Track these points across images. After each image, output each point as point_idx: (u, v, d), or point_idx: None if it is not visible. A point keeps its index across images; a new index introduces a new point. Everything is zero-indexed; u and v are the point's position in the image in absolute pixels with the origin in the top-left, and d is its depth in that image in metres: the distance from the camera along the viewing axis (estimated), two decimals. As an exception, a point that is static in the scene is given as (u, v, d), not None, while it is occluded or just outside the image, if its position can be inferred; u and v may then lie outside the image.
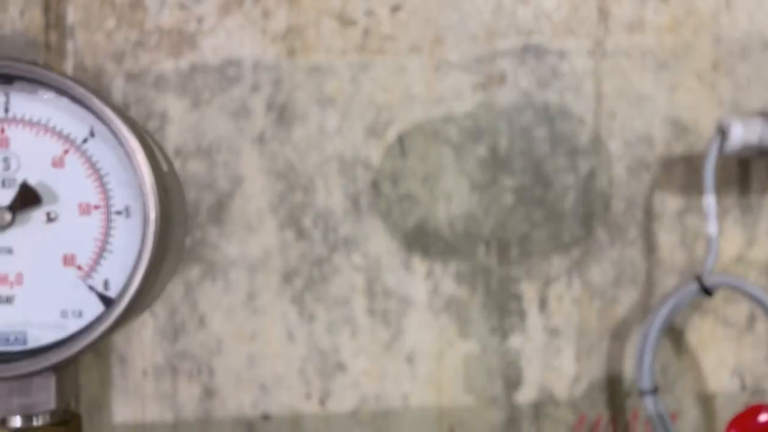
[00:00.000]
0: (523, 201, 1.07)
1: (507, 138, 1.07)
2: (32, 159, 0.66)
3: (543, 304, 1.08)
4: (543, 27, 1.08)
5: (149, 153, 0.64)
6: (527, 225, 1.08)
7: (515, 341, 1.08)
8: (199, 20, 1.05)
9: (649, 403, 1.04)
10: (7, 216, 0.65)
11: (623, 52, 1.09)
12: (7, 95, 0.66)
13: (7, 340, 0.66)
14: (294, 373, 1.07)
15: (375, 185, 1.06)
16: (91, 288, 0.67)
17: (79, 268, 0.67)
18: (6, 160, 0.66)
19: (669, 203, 1.09)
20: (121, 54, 1.05)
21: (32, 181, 0.66)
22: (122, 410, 1.06)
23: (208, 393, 1.06)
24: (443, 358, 1.08)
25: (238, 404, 1.06)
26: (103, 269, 0.67)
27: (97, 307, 0.67)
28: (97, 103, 0.64)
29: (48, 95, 0.66)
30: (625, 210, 1.09)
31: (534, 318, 1.08)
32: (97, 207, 0.67)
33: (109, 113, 0.64)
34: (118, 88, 1.05)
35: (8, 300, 0.66)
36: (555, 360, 1.09)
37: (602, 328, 1.09)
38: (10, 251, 0.66)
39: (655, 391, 1.04)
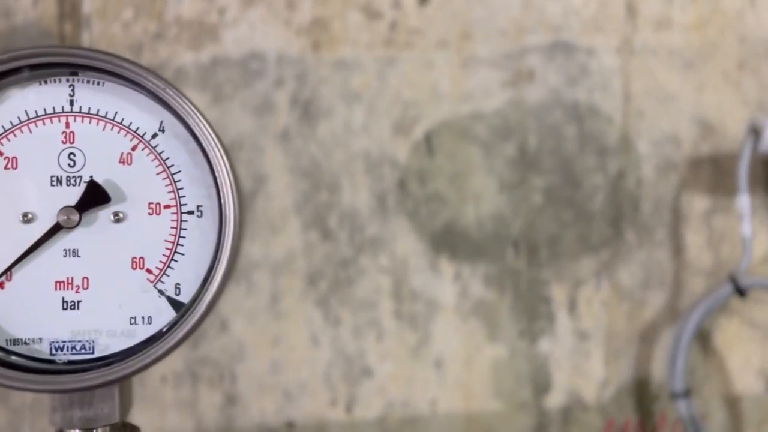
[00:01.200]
0: (552, 201, 1.05)
1: (536, 137, 1.05)
2: (99, 155, 0.61)
3: (572, 306, 1.06)
4: (571, 23, 1.06)
5: (226, 149, 0.60)
6: (556, 226, 1.05)
7: (544, 345, 1.06)
8: (221, 11, 1.01)
9: (681, 406, 1.02)
10: (75, 216, 0.60)
11: (651, 50, 1.07)
12: (72, 87, 0.61)
13: (74, 348, 0.61)
14: (319, 378, 1.02)
15: (402, 184, 1.03)
16: (162, 293, 0.62)
17: (149, 271, 0.62)
18: (71, 156, 0.61)
19: (696, 204, 1.08)
20: (139, 46, 1.00)
21: (99, 179, 0.61)
22: (141, 419, 1.00)
23: (231, 400, 1.01)
24: (471, 363, 1.05)
25: (262, 412, 1.02)
26: (174, 273, 0.62)
27: (168, 313, 0.62)
28: (172, 95, 0.59)
29: (116, 87, 0.61)
30: (653, 211, 1.07)
31: (563, 321, 1.06)
32: (167, 206, 0.62)
33: (186, 106, 0.59)
34: (135, 81, 1.00)
35: (74, 305, 0.61)
36: (584, 364, 1.06)
37: (630, 331, 1.07)
38: (75, 254, 0.61)
39: (687, 393, 1.02)
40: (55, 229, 0.60)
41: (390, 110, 1.03)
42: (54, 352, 0.61)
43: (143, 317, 0.61)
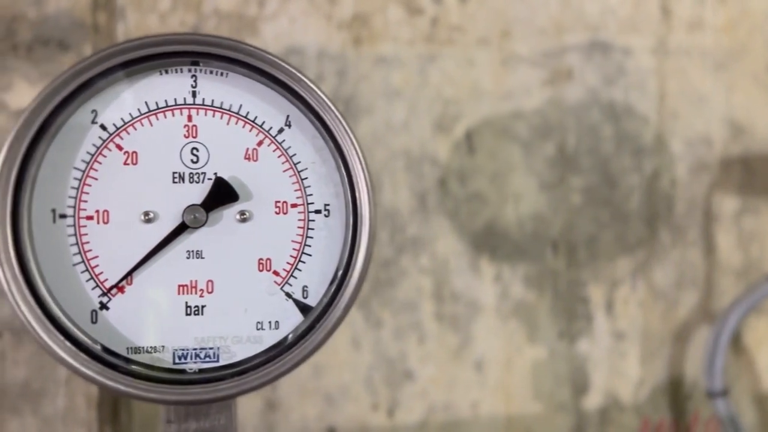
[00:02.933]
0: (590, 201, 1.04)
1: (574, 136, 1.04)
2: (223, 151, 0.57)
3: (609, 307, 1.05)
4: (608, 22, 1.05)
5: (360, 144, 0.57)
6: (594, 226, 1.05)
7: (582, 346, 1.05)
8: (261, 4, 0.98)
9: (720, 405, 1.02)
10: (201, 216, 0.56)
11: (684, 51, 1.08)
12: (194, 77, 0.57)
13: (198, 356, 0.57)
14: (360, 382, 1.00)
15: (442, 183, 1.01)
16: (289, 296, 0.58)
17: (276, 273, 0.58)
18: (194, 151, 0.57)
19: (727, 204, 1.09)
20: (176, 37, 0.96)
21: (224, 176, 0.57)
22: (178, 428, 0.96)
23: (271, 406, 0.98)
24: (512, 365, 1.03)
25: (303, 417, 0.99)
26: (301, 275, 0.58)
27: (295, 318, 0.58)
28: (306, 86, 0.56)
29: (240, 79, 0.58)
30: (686, 211, 1.07)
31: (600, 322, 1.05)
32: (294, 205, 0.58)
33: (321, 97, 0.56)
34: (172, 75, 0.96)
35: (198, 310, 0.57)
36: (620, 364, 1.06)
37: (664, 331, 1.07)
38: (199, 255, 0.57)
39: (725, 393, 1.03)
40: (181, 229, 0.56)
41: (431, 108, 1.01)
42: (177, 360, 0.57)
43: (270, 322, 0.58)
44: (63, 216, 0.55)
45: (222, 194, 0.56)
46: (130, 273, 0.55)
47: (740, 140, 1.09)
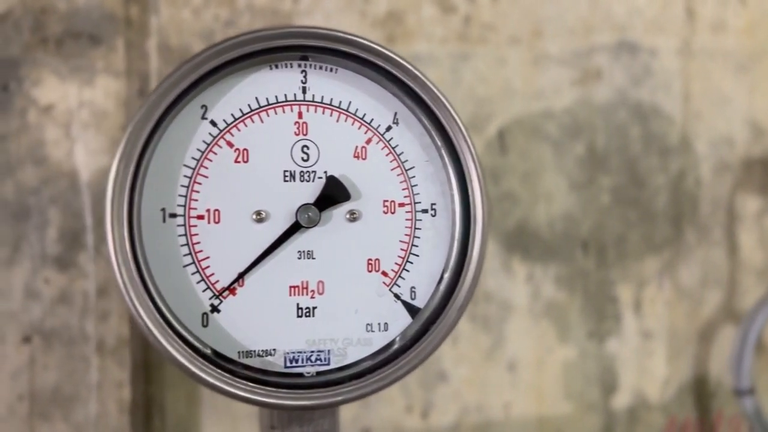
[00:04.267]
0: (618, 201, 1.05)
1: (603, 136, 1.04)
2: (333, 149, 0.56)
3: (637, 306, 1.06)
4: (636, 23, 1.06)
5: (473, 141, 0.56)
6: (623, 226, 1.05)
7: (611, 345, 1.05)
8: (295, -1, 0.96)
9: (747, 403, 1.03)
10: (315, 215, 0.54)
11: (708, 52, 1.08)
12: (304, 73, 0.56)
13: (309, 359, 0.56)
14: (395, 384, 0.98)
15: (475, 183, 1.00)
16: (398, 297, 0.57)
17: (384, 274, 0.57)
18: (304, 149, 0.55)
19: (749, 204, 1.10)
20: (210, 33, 0.94)
21: (334, 175, 0.56)
22: (212, 430, 0.94)
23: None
24: (543, 365, 1.03)
25: (338, 421, 0.97)
26: (409, 275, 0.57)
27: (404, 319, 0.57)
28: (425, 82, 0.55)
29: (349, 75, 0.56)
30: (711, 211, 1.08)
31: (629, 321, 1.06)
32: (402, 204, 0.57)
33: (438, 94, 0.55)
34: (206, 71, 0.93)
35: (309, 312, 0.55)
36: (648, 363, 1.06)
37: (690, 330, 1.08)
38: (310, 255, 0.55)
39: (752, 391, 1.04)
40: (294, 229, 0.54)
41: (463, 107, 1.00)
42: (289, 364, 0.55)
43: (379, 323, 0.56)
44: (173, 215, 0.53)
45: (334, 193, 0.54)
46: (243, 274, 0.53)
47: (761, 141, 1.10)
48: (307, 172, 0.55)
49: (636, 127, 1.05)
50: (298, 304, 0.55)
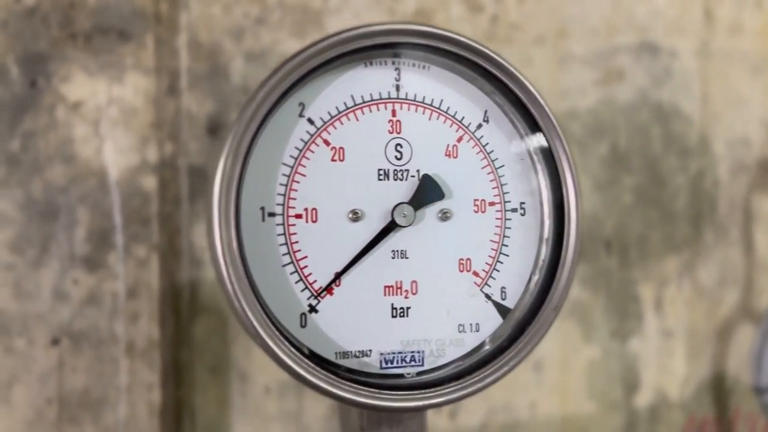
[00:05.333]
0: (640, 201, 1.05)
1: (625, 136, 1.05)
2: (425, 147, 0.55)
3: (658, 305, 1.06)
4: (656, 24, 1.06)
5: (567, 139, 0.56)
6: (644, 226, 1.06)
7: (634, 344, 1.06)
8: (325, -3, 0.95)
9: None
10: (411, 214, 0.54)
11: (725, 54, 1.10)
12: (398, 71, 0.55)
13: (404, 360, 0.55)
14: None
15: (502, 183, 1.00)
16: (488, 297, 0.56)
17: (476, 274, 0.56)
18: (398, 147, 0.55)
19: (765, 205, 1.11)
20: (240, 31, 0.93)
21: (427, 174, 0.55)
22: (244, 435, 0.93)
23: (335, 410, 0.95)
24: (568, 365, 1.03)
25: (368, 422, 0.96)
26: (499, 275, 0.56)
27: (495, 320, 0.57)
28: (521, 79, 0.54)
29: (441, 72, 0.56)
30: (728, 211, 1.09)
31: (650, 320, 1.06)
32: (492, 204, 0.56)
33: (534, 91, 0.55)
34: (238, 70, 0.92)
35: (403, 312, 0.55)
36: (668, 362, 1.07)
37: (708, 329, 1.09)
38: (404, 255, 0.55)
39: (772, 388, 1.05)
40: (390, 228, 0.54)
41: (490, 106, 1.00)
42: (384, 365, 0.54)
43: (471, 324, 0.56)
44: (272, 214, 0.52)
45: (429, 192, 0.54)
46: (341, 274, 0.52)
47: (775, 142, 1.12)
48: (401, 170, 0.54)
49: (657, 127, 1.06)
50: (392, 305, 0.54)
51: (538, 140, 0.56)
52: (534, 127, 0.55)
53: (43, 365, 0.88)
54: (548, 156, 0.56)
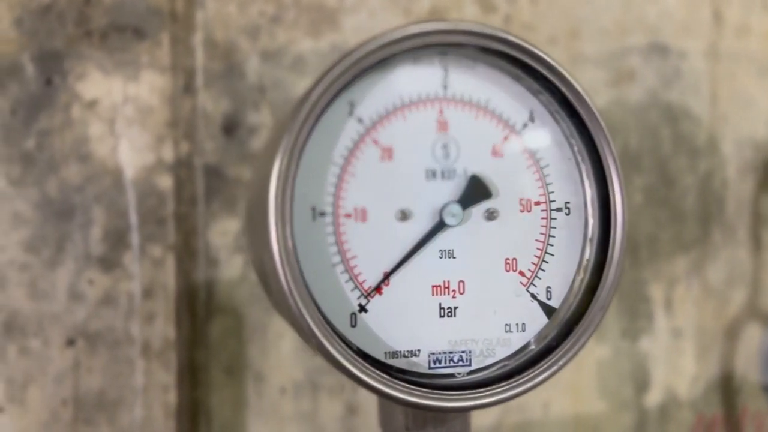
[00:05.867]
0: (650, 201, 1.06)
1: (636, 136, 1.05)
2: (472, 146, 0.55)
3: (668, 305, 1.07)
4: (666, 26, 1.07)
5: (613, 139, 0.56)
6: (654, 225, 1.06)
7: (644, 343, 1.06)
8: (341, -4, 0.95)
9: (776, 399, 1.06)
10: (460, 214, 0.54)
11: (733, 55, 1.10)
12: (445, 70, 0.55)
13: (451, 360, 0.55)
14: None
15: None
16: (534, 297, 0.56)
17: (521, 273, 0.56)
18: (445, 147, 0.55)
19: (771, 204, 1.12)
20: (256, 29, 0.92)
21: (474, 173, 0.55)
22: (260, 435, 0.93)
23: (351, 410, 0.95)
24: (580, 364, 1.04)
25: (383, 422, 0.96)
26: (544, 275, 0.56)
27: (540, 320, 0.56)
28: (569, 79, 0.54)
29: (487, 71, 0.56)
30: (736, 211, 1.10)
31: (660, 320, 1.07)
32: (537, 203, 0.56)
33: (580, 89, 0.55)
34: (254, 69, 0.92)
35: (451, 312, 0.54)
36: (678, 361, 1.08)
37: (716, 328, 1.10)
38: (451, 254, 0.54)
39: (780, 387, 1.06)
40: (439, 228, 0.53)
41: (504, 106, 1.00)
42: (432, 365, 0.54)
43: (517, 324, 0.56)
44: (322, 214, 0.51)
45: (477, 191, 0.54)
46: (391, 273, 0.52)
47: (782, 143, 1.13)
48: (448, 170, 0.54)
49: (666, 128, 1.06)
50: (440, 304, 0.54)
51: (583, 140, 0.55)
52: (580, 126, 0.55)
53: (59, 366, 0.87)
54: (593, 155, 0.56)
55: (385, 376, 0.49)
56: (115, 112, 0.88)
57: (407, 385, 0.50)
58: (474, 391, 0.51)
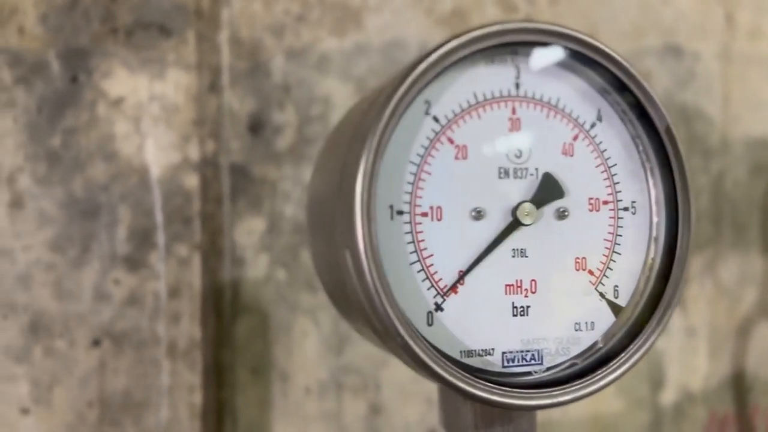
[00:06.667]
0: (666, 201, 1.07)
1: (652, 137, 1.06)
2: (543, 145, 0.55)
3: (682, 304, 1.08)
4: (680, 28, 1.08)
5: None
6: (669, 225, 1.07)
7: (659, 342, 1.07)
8: (365, -5, 0.95)
9: (788, 397, 1.07)
10: (534, 213, 0.54)
11: (745, 57, 1.12)
12: (517, 68, 0.55)
13: (524, 359, 0.55)
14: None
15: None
16: (602, 295, 0.57)
17: (590, 272, 0.56)
18: (518, 146, 0.55)
19: (781, 205, 1.14)
20: (281, 28, 0.92)
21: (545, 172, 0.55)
22: (286, 436, 0.92)
23: (375, 410, 0.95)
24: (597, 362, 1.04)
25: (405, 420, 0.96)
26: (612, 274, 0.56)
27: (608, 318, 0.57)
28: (640, 81, 0.55)
29: (557, 70, 0.56)
30: (747, 211, 1.11)
31: (675, 318, 1.08)
32: (605, 202, 0.57)
33: (649, 89, 0.55)
34: (279, 68, 0.91)
35: (523, 311, 0.54)
36: (692, 359, 1.09)
37: (728, 326, 1.11)
38: (523, 254, 0.54)
39: (792, 385, 1.07)
40: (513, 227, 0.54)
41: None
42: (506, 363, 0.54)
43: (586, 322, 0.56)
44: (400, 212, 0.51)
45: (550, 190, 0.54)
46: (467, 272, 0.52)
47: (791, 144, 1.14)
48: (520, 169, 0.54)
49: (681, 128, 1.07)
50: (513, 303, 0.54)
51: (649, 138, 0.56)
52: (647, 125, 0.55)
53: (84, 367, 0.86)
54: (660, 155, 0.56)
55: (467, 374, 0.49)
56: (140, 111, 0.87)
57: (487, 383, 0.50)
58: (549, 389, 0.51)
